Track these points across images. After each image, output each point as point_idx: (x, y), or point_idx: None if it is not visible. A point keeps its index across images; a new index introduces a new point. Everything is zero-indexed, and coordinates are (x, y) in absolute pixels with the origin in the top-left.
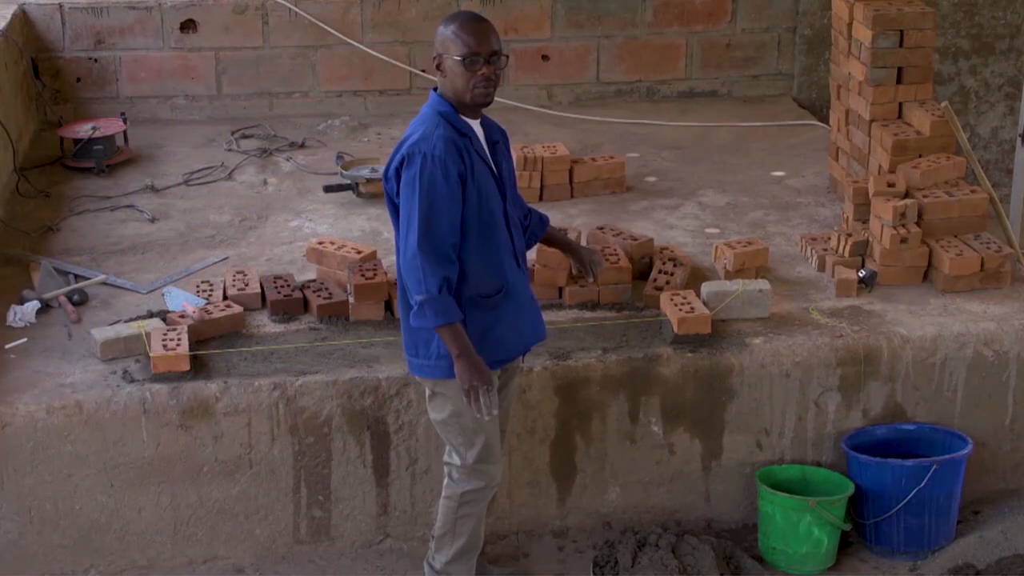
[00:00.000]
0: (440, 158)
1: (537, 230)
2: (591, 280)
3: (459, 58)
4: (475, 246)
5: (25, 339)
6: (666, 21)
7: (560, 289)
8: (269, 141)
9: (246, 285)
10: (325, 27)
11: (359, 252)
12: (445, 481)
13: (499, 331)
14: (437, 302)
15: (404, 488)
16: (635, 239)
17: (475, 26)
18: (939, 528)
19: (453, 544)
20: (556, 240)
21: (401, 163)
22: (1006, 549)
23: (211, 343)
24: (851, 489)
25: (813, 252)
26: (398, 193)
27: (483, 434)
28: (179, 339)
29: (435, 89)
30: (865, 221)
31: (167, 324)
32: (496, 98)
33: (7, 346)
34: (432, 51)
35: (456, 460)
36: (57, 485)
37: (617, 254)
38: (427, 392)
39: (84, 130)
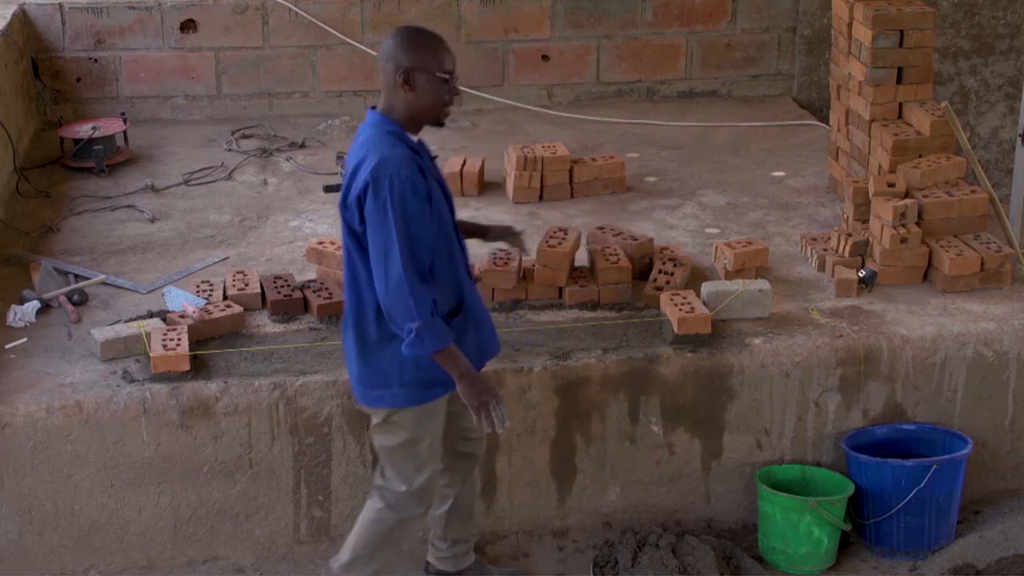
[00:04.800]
0: (408, 178)
1: None
2: (525, 253)
3: (444, 75)
4: (438, 263)
5: (25, 339)
6: (666, 21)
7: (560, 289)
8: (269, 141)
9: (246, 285)
10: (325, 27)
11: None
12: (375, 505)
13: (464, 349)
14: (433, 326)
15: None
16: (635, 239)
17: (446, 44)
18: (939, 528)
19: (367, 568)
20: (468, 229)
21: (365, 190)
22: (1006, 549)
23: (211, 343)
24: (851, 489)
25: (813, 252)
26: (361, 221)
27: (433, 461)
28: (179, 339)
29: (372, 108)
30: (865, 221)
31: (167, 324)
32: (496, 98)
33: (7, 346)
34: None
35: (399, 486)
36: (57, 485)
37: (617, 254)
38: (374, 420)
39: (84, 130)
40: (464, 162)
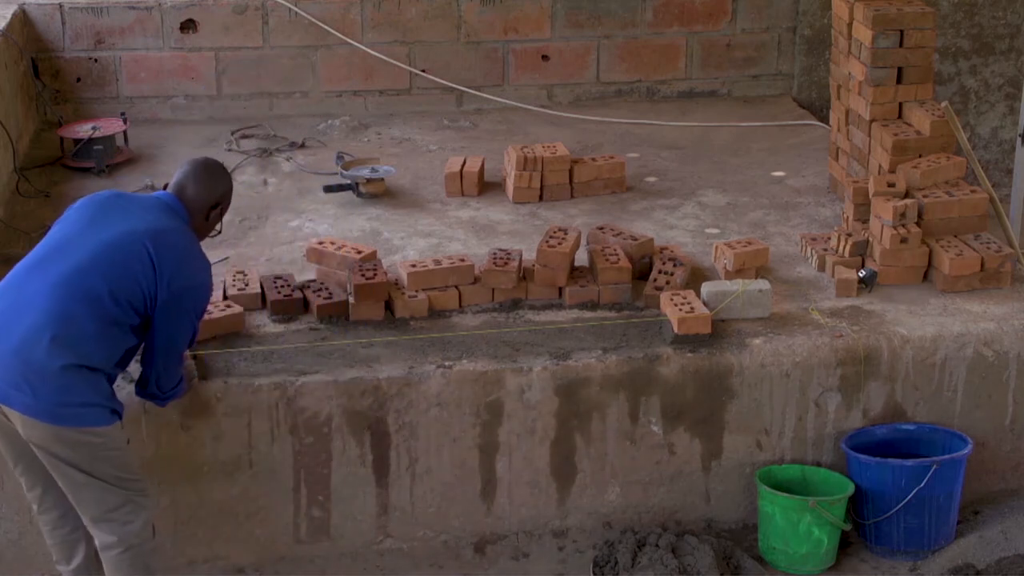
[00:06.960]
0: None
1: None
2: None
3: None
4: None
5: None
6: (666, 21)
7: (560, 289)
8: (269, 141)
9: (246, 285)
10: (325, 27)
11: (359, 252)
12: (111, 541)
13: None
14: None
15: (404, 488)
16: (635, 239)
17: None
18: (939, 528)
19: None
20: None
21: (187, 291)
22: (1006, 549)
23: (211, 343)
24: (851, 489)
25: (813, 252)
26: (169, 303)
27: (130, 457)
28: None
29: (181, 211)
30: (865, 221)
31: None
32: (496, 98)
33: None
34: (436, 53)
35: (116, 501)
36: None
37: (617, 254)
38: (63, 452)
39: (84, 130)
40: (464, 162)
